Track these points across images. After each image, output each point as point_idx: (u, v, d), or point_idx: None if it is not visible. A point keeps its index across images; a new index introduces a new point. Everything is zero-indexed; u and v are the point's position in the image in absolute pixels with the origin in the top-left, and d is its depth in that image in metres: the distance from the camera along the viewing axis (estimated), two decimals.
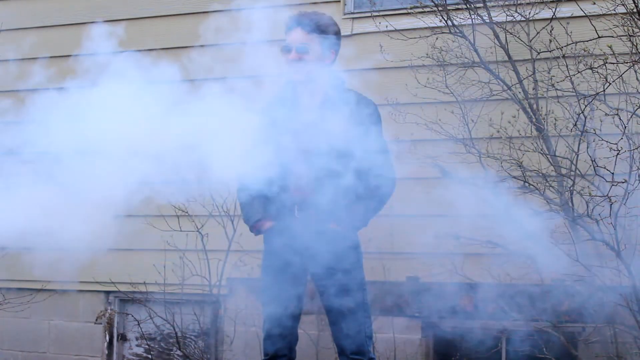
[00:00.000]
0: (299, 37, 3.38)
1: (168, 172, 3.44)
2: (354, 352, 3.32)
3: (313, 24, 3.39)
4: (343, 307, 3.32)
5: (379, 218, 3.52)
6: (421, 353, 4.75)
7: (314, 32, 3.39)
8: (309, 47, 3.37)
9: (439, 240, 4.36)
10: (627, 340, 4.15)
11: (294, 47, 3.37)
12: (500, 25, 4.23)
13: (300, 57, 3.37)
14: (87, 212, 4.03)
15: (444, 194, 4.25)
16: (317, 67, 3.40)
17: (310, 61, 3.37)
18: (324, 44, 3.41)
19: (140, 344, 5.51)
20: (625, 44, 3.83)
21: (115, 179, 3.60)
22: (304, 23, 3.39)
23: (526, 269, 4.27)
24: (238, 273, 5.02)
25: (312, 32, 3.39)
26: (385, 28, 4.54)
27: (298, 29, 3.39)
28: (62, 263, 4.97)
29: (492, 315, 4.46)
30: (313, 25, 3.39)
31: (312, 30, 3.39)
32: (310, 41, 3.38)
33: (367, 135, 3.32)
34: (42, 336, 5.61)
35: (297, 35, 3.38)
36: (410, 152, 4.31)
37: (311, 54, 3.38)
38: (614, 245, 3.85)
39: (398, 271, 4.70)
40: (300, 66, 3.38)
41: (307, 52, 3.37)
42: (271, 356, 3.42)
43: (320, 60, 3.41)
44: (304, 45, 3.37)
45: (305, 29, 3.38)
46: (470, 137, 4.32)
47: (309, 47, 3.37)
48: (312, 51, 3.38)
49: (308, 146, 3.33)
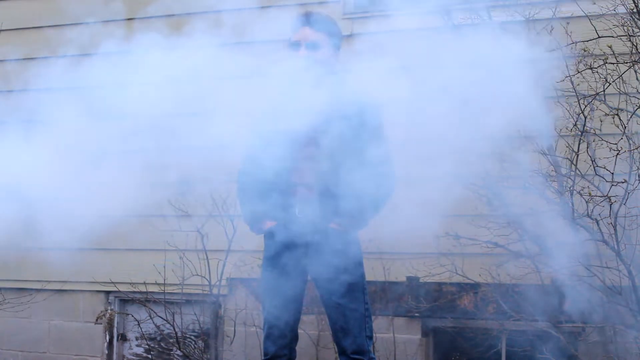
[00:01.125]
0: (309, 35, 3.41)
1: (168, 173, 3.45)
2: (354, 352, 3.32)
3: (321, 23, 3.44)
4: (343, 307, 3.32)
5: (379, 218, 3.52)
6: (421, 353, 4.75)
7: (322, 31, 3.42)
8: (318, 45, 3.40)
9: (439, 240, 4.37)
10: (627, 340, 4.15)
11: (303, 44, 3.40)
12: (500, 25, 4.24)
13: (310, 54, 3.39)
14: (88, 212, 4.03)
15: (443, 193, 4.25)
16: (324, 66, 3.43)
17: (320, 60, 3.40)
18: (330, 43, 3.44)
19: (140, 344, 5.51)
20: (625, 44, 3.83)
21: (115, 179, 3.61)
22: (312, 21, 3.43)
23: (526, 269, 4.27)
24: (238, 273, 5.02)
25: (321, 30, 3.43)
26: (385, 28, 4.54)
27: (307, 27, 3.42)
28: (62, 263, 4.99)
29: (492, 315, 4.47)
30: (321, 24, 3.44)
31: (320, 29, 3.43)
32: (319, 39, 3.41)
33: (368, 136, 3.33)
34: (42, 336, 5.61)
35: (307, 33, 3.41)
36: (410, 152, 4.31)
37: (322, 51, 3.41)
38: (614, 245, 3.85)
39: (398, 271, 4.70)
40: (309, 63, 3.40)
41: (318, 50, 3.40)
42: (271, 356, 3.42)
43: (326, 59, 3.44)
44: (315, 43, 3.40)
45: (314, 27, 3.43)
46: (470, 137, 4.31)
47: (318, 44, 3.40)
48: (322, 49, 3.41)
49: (309, 146, 3.34)
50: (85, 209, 3.75)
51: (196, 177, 4.45)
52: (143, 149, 3.39)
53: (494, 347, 4.56)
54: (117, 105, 3.29)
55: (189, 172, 4.50)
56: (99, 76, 3.33)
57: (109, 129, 3.31)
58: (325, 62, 3.43)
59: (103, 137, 3.33)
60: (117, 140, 3.33)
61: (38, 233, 3.48)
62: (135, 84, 3.32)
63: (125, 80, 3.32)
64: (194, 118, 3.35)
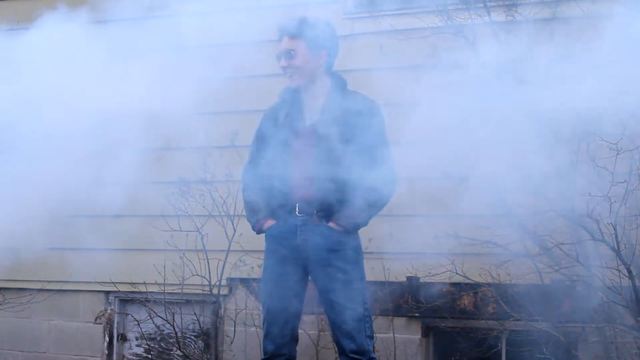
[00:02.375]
0: (285, 44, 3.41)
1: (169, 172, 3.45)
2: (354, 351, 3.32)
3: (296, 29, 3.40)
4: (343, 307, 3.32)
5: (379, 218, 3.52)
6: (421, 353, 4.75)
7: (299, 37, 3.39)
8: (295, 53, 3.38)
9: (439, 240, 4.36)
10: (627, 340, 4.15)
11: (282, 55, 3.40)
12: (501, 26, 4.23)
13: (289, 63, 3.38)
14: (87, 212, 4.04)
15: (444, 193, 4.26)
16: (311, 70, 3.41)
17: (301, 66, 3.38)
18: (312, 46, 3.40)
19: (140, 344, 5.51)
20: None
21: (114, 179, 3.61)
22: (288, 29, 3.41)
23: (526, 269, 4.27)
24: (238, 273, 5.02)
25: (297, 36, 3.39)
26: (385, 28, 4.54)
27: (285, 36, 3.42)
28: (62, 263, 4.99)
29: (492, 315, 4.47)
30: (297, 30, 3.40)
31: (296, 34, 3.39)
32: (296, 46, 3.39)
33: (368, 136, 3.33)
34: (42, 336, 5.61)
35: (284, 43, 3.41)
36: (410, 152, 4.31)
37: (299, 58, 3.39)
38: (614, 245, 3.85)
39: (398, 271, 4.70)
40: (291, 72, 3.40)
41: (294, 57, 3.38)
42: (270, 355, 3.42)
43: (312, 63, 3.41)
44: (290, 52, 3.39)
45: (290, 34, 3.40)
46: (470, 137, 4.31)
47: (295, 52, 3.38)
48: (299, 56, 3.39)
49: (310, 146, 3.34)
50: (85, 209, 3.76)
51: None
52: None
53: (494, 347, 4.56)
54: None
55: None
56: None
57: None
58: (309, 66, 3.40)
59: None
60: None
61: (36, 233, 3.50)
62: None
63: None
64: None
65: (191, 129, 3.92)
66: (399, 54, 4.50)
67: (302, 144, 3.37)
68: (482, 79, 3.52)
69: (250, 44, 3.57)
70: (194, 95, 3.57)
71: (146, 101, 3.45)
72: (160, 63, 3.57)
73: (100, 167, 3.59)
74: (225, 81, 3.68)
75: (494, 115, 3.49)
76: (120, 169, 3.54)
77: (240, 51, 3.72)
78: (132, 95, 3.44)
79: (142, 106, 3.45)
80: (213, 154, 4.88)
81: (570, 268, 4.09)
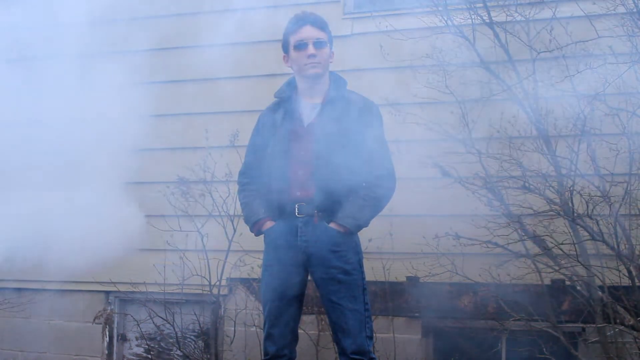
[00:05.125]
0: (314, 33, 3.39)
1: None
2: (354, 352, 3.31)
3: (320, 22, 3.43)
4: (343, 307, 3.31)
5: (379, 218, 3.52)
6: (421, 353, 4.75)
7: (323, 30, 3.42)
8: (324, 42, 3.40)
9: (439, 240, 4.37)
10: (627, 340, 4.16)
11: (310, 42, 3.38)
12: (501, 26, 4.24)
13: (319, 52, 3.38)
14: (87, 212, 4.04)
15: (443, 193, 4.26)
16: (328, 64, 3.44)
17: (326, 57, 3.40)
18: (330, 41, 3.45)
19: (140, 344, 5.51)
20: (625, 44, 3.83)
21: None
22: (312, 20, 3.42)
23: (526, 269, 4.27)
24: (238, 273, 5.02)
25: (322, 29, 3.42)
26: (385, 28, 4.54)
27: (308, 25, 3.41)
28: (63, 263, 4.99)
29: (492, 315, 4.47)
30: (321, 23, 3.43)
31: (321, 27, 3.42)
32: (323, 37, 3.41)
33: (367, 136, 3.32)
34: (42, 336, 5.61)
35: (312, 31, 3.40)
36: (410, 152, 4.32)
37: (327, 49, 3.41)
38: (614, 245, 3.85)
39: (398, 271, 4.70)
40: (318, 61, 3.38)
41: (324, 47, 3.39)
42: (271, 356, 3.41)
43: (330, 57, 3.45)
44: (321, 41, 3.39)
45: (316, 25, 3.41)
46: (470, 137, 4.32)
47: (323, 42, 3.40)
48: (326, 46, 3.41)
49: (309, 146, 3.34)
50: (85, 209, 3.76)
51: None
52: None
53: (494, 347, 4.57)
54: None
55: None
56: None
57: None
58: (327, 60, 3.43)
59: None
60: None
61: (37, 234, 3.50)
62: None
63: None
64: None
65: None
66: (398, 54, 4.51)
67: (300, 143, 3.36)
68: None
69: (250, 43, 3.57)
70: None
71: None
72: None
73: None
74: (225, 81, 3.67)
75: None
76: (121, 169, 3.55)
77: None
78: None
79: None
80: (213, 154, 4.89)
81: (570, 268, 4.10)
